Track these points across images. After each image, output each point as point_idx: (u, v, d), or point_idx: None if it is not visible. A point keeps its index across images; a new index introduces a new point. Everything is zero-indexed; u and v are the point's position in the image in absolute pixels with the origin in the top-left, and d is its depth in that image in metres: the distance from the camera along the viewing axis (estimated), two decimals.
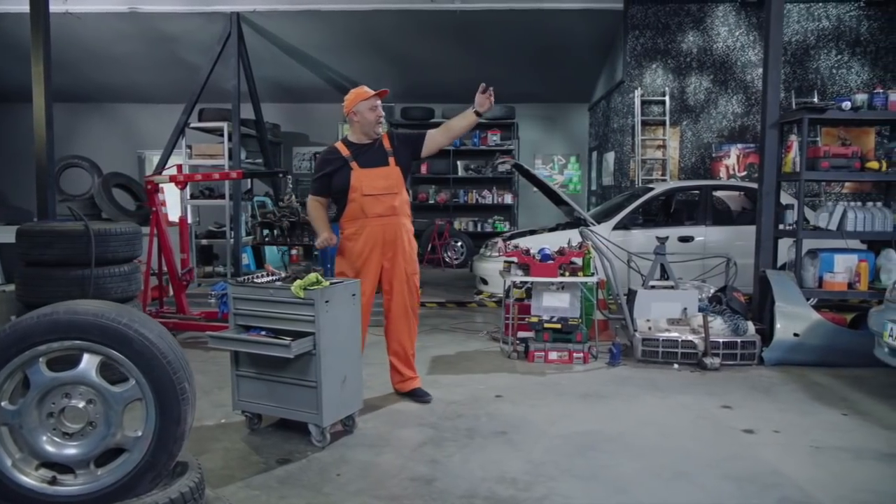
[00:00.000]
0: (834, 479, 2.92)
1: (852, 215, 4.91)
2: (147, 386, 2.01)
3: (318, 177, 3.90)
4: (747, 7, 8.66)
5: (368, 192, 3.74)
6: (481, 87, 3.63)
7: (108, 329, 1.98)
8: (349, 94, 3.85)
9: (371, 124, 3.77)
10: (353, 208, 3.78)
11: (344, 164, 3.78)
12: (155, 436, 2.03)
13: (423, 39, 9.42)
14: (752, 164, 8.84)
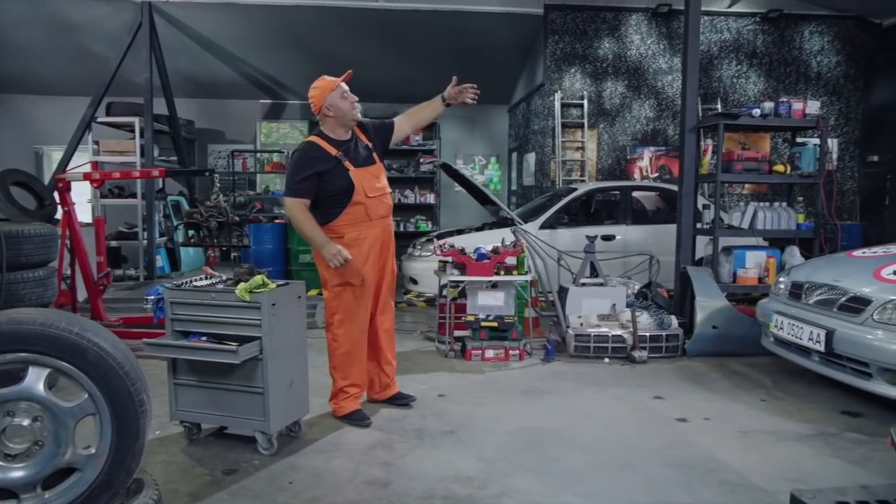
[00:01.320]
0: (763, 460, 3.13)
1: (762, 215, 5.28)
2: (102, 399, 1.88)
3: (305, 177, 3.39)
4: (658, 17, 9.11)
5: (372, 193, 3.50)
6: (454, 80, 3.63)
7: (57, 339, 1.83)
8: (313, 89, 3.50)
9: (348, 113, 3.47)
10: (357, 212, 3.48)
11: (336, 165, 3.42)
12: (111, 453, 1.90)
13: (346, 37, 9.29)
14: (664, 165, 9.32)
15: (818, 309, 4.00)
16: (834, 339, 3.71)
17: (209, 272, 3.47)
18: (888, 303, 3.56)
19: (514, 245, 5.16)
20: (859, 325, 3.64)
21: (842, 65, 9.52)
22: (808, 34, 9.43)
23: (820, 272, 4.24)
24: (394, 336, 3.92)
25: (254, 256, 7.40)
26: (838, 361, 3.76)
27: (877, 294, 3.66)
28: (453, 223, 10.17)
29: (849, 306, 3.78)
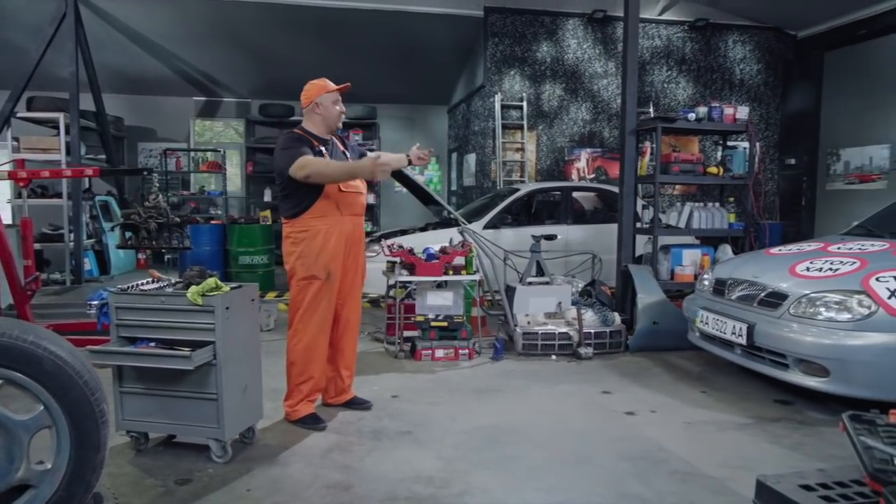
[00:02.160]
0: (708, 449, 3.28)
1: (697, 215, 5.52)
2: (60, 411, 1.79)
3: (301, 144, 3.44)
4: (594, 23, 9.38)
5: (346, 188, 3.54)
6: (417, 145, 3.89)
7: (10, 349, 1.73)
8: (309, 85, 3.60)
9: (335, 118, 3.58)
10: (327, 205, 3.50)
11: (319, 153, 3.50)
12: (70, 467, 1.80)
13: (284, 34, 9.12)
14: (601, 167, 9.59)
15: (740, 304, 4.19)
16: (755, 332, 3.91)
17: (156, 275, 3.34)
18: (802, 297, 3.77)
19: (461, 245, 5.20)
20: (777, 319, 3.84)
21: (762, 73, 10.06)
22: (731, 43, 9.92)
23: (741, 269, 4.43)
24: (356, 342, 3.89)
25: (191, 258, 7.16)
26: (759, 354, 3.96)
27: (792, 289, 3.87)
28: (395, 223, 10.15)
29: (768, 301, 3.98)
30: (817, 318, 3.66)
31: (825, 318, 3.63)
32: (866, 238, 4.44)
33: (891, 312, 3.49)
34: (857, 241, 4.38)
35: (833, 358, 3.55)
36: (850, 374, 3.53)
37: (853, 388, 3.55)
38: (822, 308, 3.67)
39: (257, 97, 10.63)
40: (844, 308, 3.60)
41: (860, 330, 3.52)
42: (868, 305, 3.54)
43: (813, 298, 3.73)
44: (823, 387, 3.61)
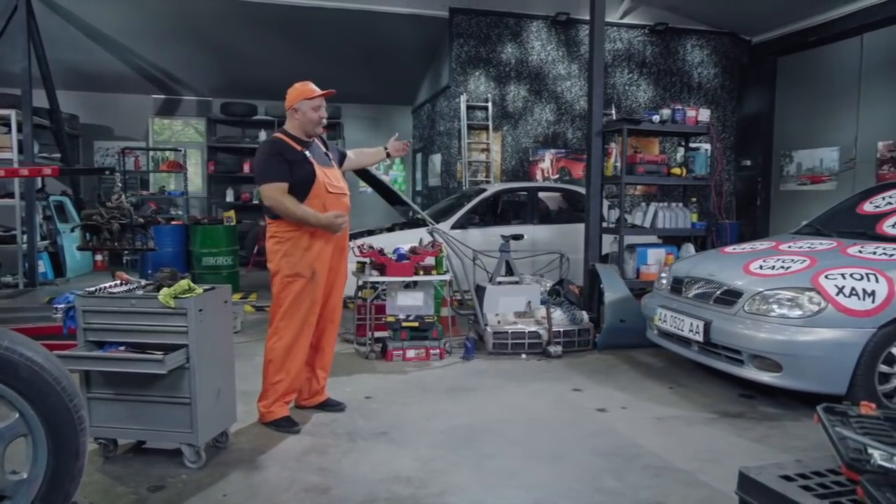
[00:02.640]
0: (678, 444, 3.37)
1: (661, 214, 5.65)
2: (37, 419, 1.73)
3: (279, 163, 3.45)
4: (557, 25, 9.49)
5: (332, 189, 3.56)
6: (396, 135, 4.07)
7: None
8: (292, 88, 3.58)
9: (313, 124, 3.55)
10: (315, 206, 3.49)
11: (302, 158, 3.50)
12: (47, 476, 1.75)
13: (247, 32, 8.99)
14: (564, 167, 9.72)
15: (697, 302, 4.29)
16: (711, 329, 4.00)
17: (124, 277, 3.26)
18: (756, 294, 3.87)
19: (432, 245, 5.21)
20: (732, 316, 3.93)
21: (719, 76, 10.34)
22: (690, 47, 10.17)
23: (698, 268, 4.52)
24: (335, 342, 3.87)
25: (152, 260, 7.00)
26: (715, 350, 4.05)
27: (747, 287, 3.97)
28: (359, 224, 10.08)
29: (723, 299, 4.07)
30: (770, 315, 3.76)
31: (778, 315, 3.74)
32: (815, 237, 4.61)
33: (839, 308, 3.60)
34: (807, 239, 4.52)
35: (785, 353, 3.65)
36: (802, 369, 3.65)
37: (804, 382, 3.68)
38: (775, 305, 3.77)
39: (219, 96, 10.44)
40: (796, 305, 3.71)
41: (811, 326, 3.63)
42: (818, 302, 3.65)
43: (766, 296, 3.83)
44: (776, 381, 3.73)
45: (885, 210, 4.53)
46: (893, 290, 3.60)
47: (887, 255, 3.89)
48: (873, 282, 3.65)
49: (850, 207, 4.92)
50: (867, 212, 4.67)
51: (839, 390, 3.62)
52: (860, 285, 3.64)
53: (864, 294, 3.61)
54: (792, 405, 3.93)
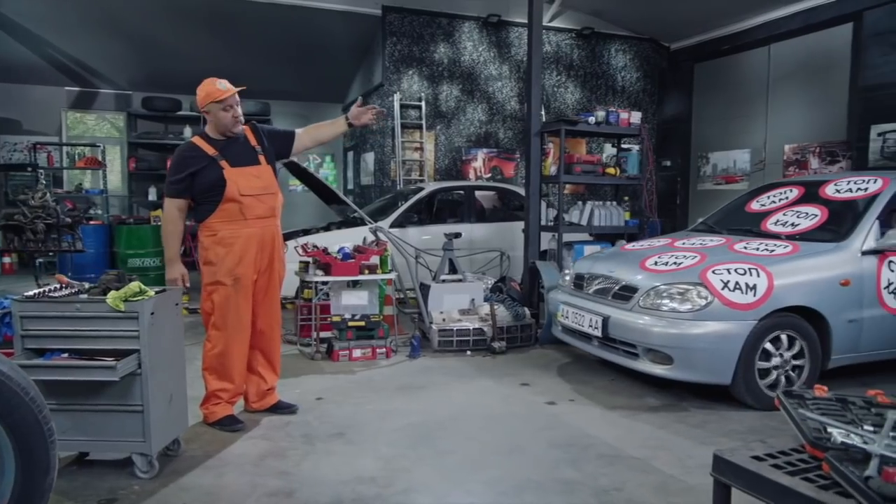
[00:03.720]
0: (627, 433, 3.52)
1: (597, 213, 5.86)
2: (3, 432, 1.63)
3: (181, 178, 3.37)
4: (489, 26, 9.64)
5: (247, 192, 3.41)
6: (360, 100, 3.75)
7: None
8: (200, 87, 3.41)
9: (226, 126, 3.42)
10: (231, 210, 3.40)
11: (211, 163, 3.38)
12: (15, 493, 1.65)
13: (171, 23, 8.63)
14: (496, 166, 9.89)
15: (596, 297, 4.39)
16: (609, 324, 4.10)
17: (64, 280, 3.08)
18: (651, 290, 4.00)
19: (376, 244, 5.20)
20: (629, 311, 4.05)
21: (641, 80, 10.79)
22: (614, 52, 10.56)
23: (598, 264, 4.63)
24: (279, 344, 3.79)
25: (73, 261, 6.61)
26: (613, 345, 4.15)
27: (642, 282, 4.10)
28: (290, 223, 9.89)
29: (621, 294, 4.19)
30: (662, 310, 3.88)
31: (669, 309, 3.86)
32: (708, 234, 4.83)
33: (724, 302, 3.75)
34: (700, 236, 4.72)
35: (675, 346, 3.78)
36: (691, 361, 3.78)
37: (693, 373, 3.82)
38: (667, 300, 3.89)
39: (139, 89, 9.96)
40: (685, 299, 3.83)
41: (699, 319, 3.76)
42: (705, 296, 3.78)
43: (659, 291, 3.96)
44: (668, 374, 3.85)
45: (770, 208, 4.80)
46: (773, 283, 3.80)
47: (768, 250, 4.11)
48: (755, 276, 3.83)
49: (739, 206, 5.17)
50: (754, 210, 4.93)
51: (725, 380, 3.81)
52: (743, 280, 3.81)
53: (746, 288, 3.78)
54: (718, 395, 4.17)
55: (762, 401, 3.82)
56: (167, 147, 9.86)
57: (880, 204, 4.29)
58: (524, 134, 9.76)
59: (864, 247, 4.11)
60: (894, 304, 4.12)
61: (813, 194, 4.70)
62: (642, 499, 2.75)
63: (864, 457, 1.56)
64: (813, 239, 4.26)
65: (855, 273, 4.03)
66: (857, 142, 7.88)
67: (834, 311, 3.96)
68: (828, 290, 3.97)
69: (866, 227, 4.18)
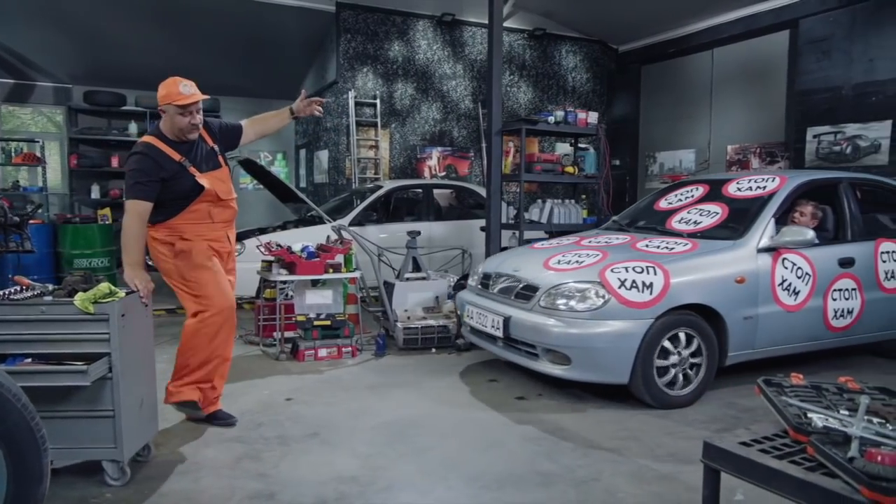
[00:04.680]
0: (597, 425, 3.61)
1: (557, 210, 5.98)
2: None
3: (151, 180, 3.18)
4: (443, 25, 9.67)
5: (224, 196, 3.37)
6: (304, 92, 3.68)
7: None
8: (163, 84, 3.26)
9: (182, 131, 3.27)
10: (200, 213, 3.31)
11: (181, 170, 3.25)
12: (8, 503, 1.59)
13: (116, 16, 8.31)
14: (451, 165, 9.94)
15: (500, 297, 4.29)
16: (510, 324, 3.99)
17: (25, 282, 2.95)
18: (551, 289, 3.91)
19: (340, 242, 5.16)
20: (529, 311, 3.96)
21: (590, 81, 11.04)
22: (564, 53, 10.77)
23: (505, 263, 4.52)
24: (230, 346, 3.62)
25: (13, 263, 6.29)
26: (516, 346, 4.06)
27: (543, 282, 4.01)
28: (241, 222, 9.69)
29: (523, 294, 4.09)
30: (560, 309, 3.81)
31: (567, 309, 3.78)
32: (616, 232, 4.82)
33: (621, 301, 3.71)
34: (608, 235, 4.71)
35: (573, 346, 3.72)
36: (588, 361, 3.73)
37: (591, 373, 3.78)
38: (565, 299, 3.82)
39: (81, 83, 9.54)
40: (583, 298, 3.77)
41: (596, 318, 3.70)
42: (603, 295, 3.73)
43: (558, 290, 3.88)
44: (566, 374, 3.79)
45: (676, 206, 4.82)
46: (669, 281, 3.78)
47: (668, 248, 4.11)
48: (652, 274, 3.80)
49: (649, 204, 5.20)
50: (662, 208, 4.93)
51: (622, 379, 3.77)
52: (640, 278, 3.78)
53: (643, 286, 3.74)
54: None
55: (661, 399, 3.82)
56: (110, 143, 9.50)
57: (776, 202, 4.34)
58: (480, 133, 9.88)
59: (759, 244, 4.13)
60: (788, 300, 4.16)
61: (717, 192, 4.72)
62: (619, 488, 2.84)
63: (844, 439, 1.67)
64: (714, 237, 4.27)
65: (750, 270, 4.04)
66: (795, 143, 8.29)
67: (730, 308, 3.96)
68: (723, 287, 3.96)
69: (762, 225, 4.20)
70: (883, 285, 4.57)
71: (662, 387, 3.84)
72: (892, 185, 5.09)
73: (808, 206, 4.59)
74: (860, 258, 4.48)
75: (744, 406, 3.94)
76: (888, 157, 7.28)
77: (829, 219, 4.66)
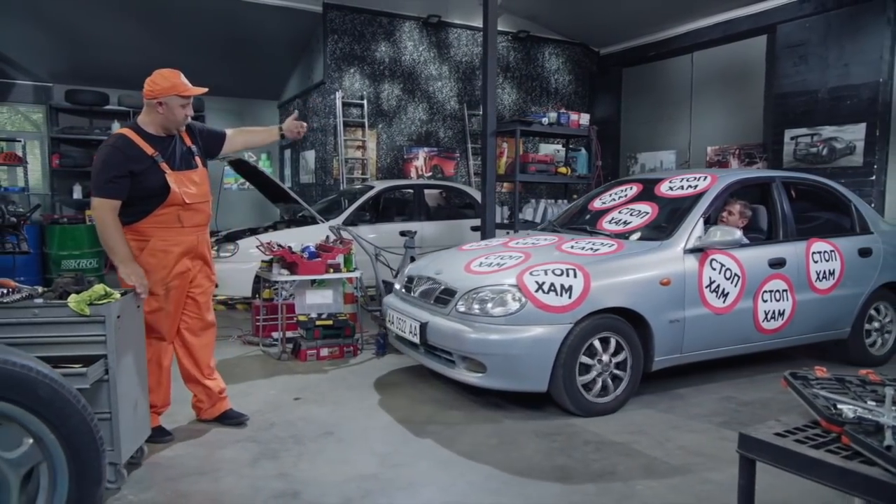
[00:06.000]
0: (605, 420, 3.68)
1: (550, 210, 6.07)
2: (56, 443, 1.57)
3: (118, 175, 3.01)
4: (429, 27, 9.71)
5: (190, 200, 3.19)
6: (295, 113, 3.67)
7: (0, 376, 1.49)
8: (159, 75, 3.13)
9: (176, 123, 3.19)
10: (169, 216, 3.16)
11: (152, 165, 3.10)
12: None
13: (97, 13, 8.17)
14: (437, 165, 9.98)
15: (420, 301, 4.10)
16: (427, 330, 3.80)
17: (11, 284, 2.87)
18: (468, 293, 3.72)
19: (340, 242, 5.18)
20: (446, 316, 3.77)
21: (572, 83, 11.18)
22: (548, 55, 10.89)
23: (430, 266, 4.33)
24: (212, 351, 3.57)
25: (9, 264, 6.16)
26: (435, 352, 3.87)
27: (460, 285, 3.82)
28: (225, 223, 9.60)
29: (442, 298, 3.90)
30: (475, 314, 3.63)
31: (482, 314, 3.61)
32: (547, 233, 4.66)
33: (538, 305, 3.53)
34: (538, 236, 4.55)
35: (488, 353, 3.54)
36: (504, 368, 3.55)
37: (507, 381, 3.60)
38: (481, 304, 3.64)
39: (62, 81, 9.36)
40: (500, 303, 3.59)
41: (512, 324, 3.53)
42: (519, 299, 3.56)
43: (475, 294, 3.70)
44: (482, 382, 3.62)
45: (609, 206, 4.69)
46: (590, 284, 3.61)
47: (592, 249, 3.95)
48: (572, 277, 3.62)
49: (585, 204, 5.08)
50: (596, 208, 4.81)
51: (541, 387, 3.60)
52: (559, 281, 3.59)
53: (561, 290, 3.57)
54: (685, 379, 4.45)
55: (583, 406, 3.66)
56: (93, 143, 9.33)
57: (705, 202, 4.21)
58: (465, 134, 9.95)
59: (687, 245, 3.99)
60: (716, 302, 4.02)
61: (649, 192, 4.59)
62: (633, 480, 2.92)
63: (875, 428, 1.76)
64: (642, 237, 4.15)
65: (677, 272, 3.89)
66: (773, 144, 8.52)
67: (654, 311, 3.80)
68: (648, 290, 3.79)
69: (690, 225, 4.07)
70: (815, 286, 4.44)
71: (585, 393, 3.68)
72: (827, 184, 4.97)
73: (737, 204, 4.48)
74: (791, 259, 4.36)
75: (742, 400, 4.06)
76: (862, 159, 7.53)
77: (761, 218, 4.58)
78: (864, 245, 4.77)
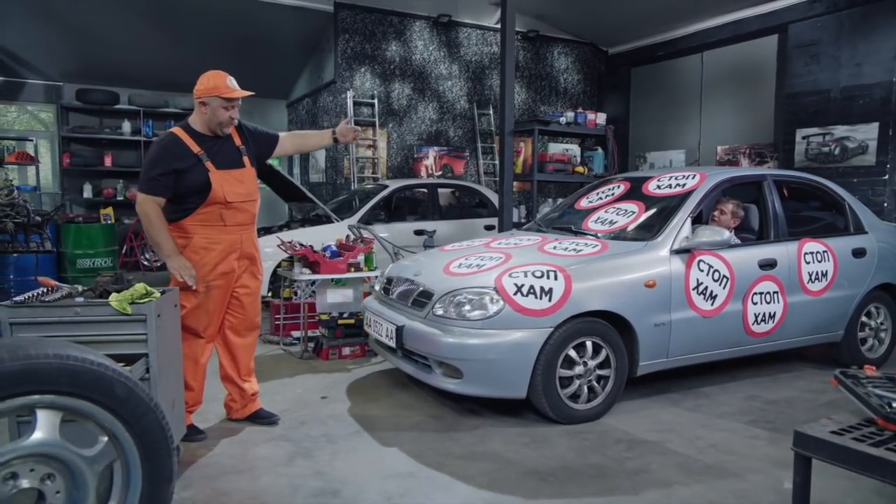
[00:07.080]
0: (635, 419, 3.69)
1: None
2: (131, 441, 1.57)
3: (163, 173, 3.09)
4: (439, 26, 9.72)
5: (232, 199, 3.21)
6: (348, 118, 3.61)
7: (79, 373, 1.49)
8: (205, 76, 3.20)
9: (220, 125, 3.20)
10: (211, 214, 3.19)
11: (197, 163, 3.14)
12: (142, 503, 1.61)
13: (109, 12, 8.16)
14: (447, 164, 9.99)
15: (398, 304, 3.95)
16: (403, 334, 3.66)
17: (51, 283, 2.88)
18: (445, 296, 3.58)
19: (361, 241, 5.19)
20: (423, 320, 3.64)
21: (581, 83, 11.20)
22: (557, 54, 10.90)
23: (410, 267, 4.19)
24: (253, 353, 3.60)
25: (15, 264, 6.17)
26: (412, 357, 3.73)
27: (438, 287, 3.67)
28: None
29: (419, 301, 3.77)
30: (452, 318, 3.50)
31: (458, 317, 3.48)
32: (531, 233, 4.51)
33: (516, 308, 3.40)
34: (521, 236, 4.42)
35: (464, 358, 3.41)
36: (481, 374, 3.41)
37: (484, 387, 3.47)
38: (458, 307, 3.51)
39: (72, 81, 9.35)
40: (477, 306, 3.46)
41: (489, 328, 3.40)
42: (497, 301, 3.43)
43: (451, 297, 3.57)
44: (458, 388, 3.49)
45: (596, 205, 4.57)
46: (570, 287, 3.47)
47: (575, 250, 3.82)
48: (552, 279, 3.48)
49: (571, 203, 4.94)
50: (582, 207, 4.67)
51: (519, 394, 3.46)
52: (539, 283, 3.46)
53: (541, 292, 3.43)
54: (708, 377, 4.46)
55: (565, 414, 3.53)
56: (103, 142, 9.34)
57: (693, 201, 4.08)
58: (475, 133, 9.97)
59: (674, 246, 3.85)
60: (704, 305, 3.88)
61: (636, 191, 4.45)
62: (670, 479, 2.94)
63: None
64: (628, 238, 4.02)
65: (662, 274, 3.75)
66: (784, 144, 8.54)
67: (639, 315, 3.67)
68: (632, 292, 3.66)
69: (677, 225, 3.93)
70: (807, 288, 4.32)
71: (567, 400, 3.54)
72: (821, 183, 4.83)
73: (729, 203, 4.37)
74: (783, 259, 4.23)
75: (767, 399, 4.07)
76: (875, 158, 7.55)
77: (753, 218, 4.46)
78: (859, 245, 4.65)
